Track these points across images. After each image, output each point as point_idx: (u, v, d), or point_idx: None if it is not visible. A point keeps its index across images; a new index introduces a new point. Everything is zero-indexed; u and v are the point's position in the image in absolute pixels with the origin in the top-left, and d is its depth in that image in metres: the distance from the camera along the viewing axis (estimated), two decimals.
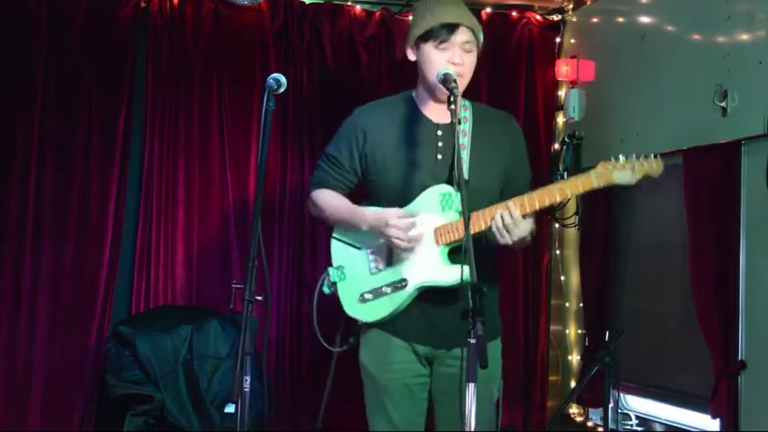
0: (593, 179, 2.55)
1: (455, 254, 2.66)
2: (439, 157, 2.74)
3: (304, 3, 4.41)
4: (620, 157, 2.52)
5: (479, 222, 2.63)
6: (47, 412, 4.00)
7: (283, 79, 2.50)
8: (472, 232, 2.56)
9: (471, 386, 2.11)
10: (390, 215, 2.66)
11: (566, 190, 2.57)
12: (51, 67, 4.07)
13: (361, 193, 2.90)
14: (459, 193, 2.62)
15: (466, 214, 2.34)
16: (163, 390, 3.68)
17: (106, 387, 3.80)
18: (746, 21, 3.25)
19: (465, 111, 2.83)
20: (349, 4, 4.47)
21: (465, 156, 2.73)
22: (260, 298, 2.37)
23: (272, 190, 4.33)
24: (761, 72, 3.16)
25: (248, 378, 2.24)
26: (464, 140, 2.76)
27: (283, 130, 4.36)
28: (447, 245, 2.66)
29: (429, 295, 2.69)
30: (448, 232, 2.65)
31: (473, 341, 2.12)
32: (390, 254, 2.73)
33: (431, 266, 2.67)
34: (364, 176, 2.84)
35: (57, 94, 4.08)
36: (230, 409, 3.71)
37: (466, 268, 2.45)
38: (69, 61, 4.09)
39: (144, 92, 4.22)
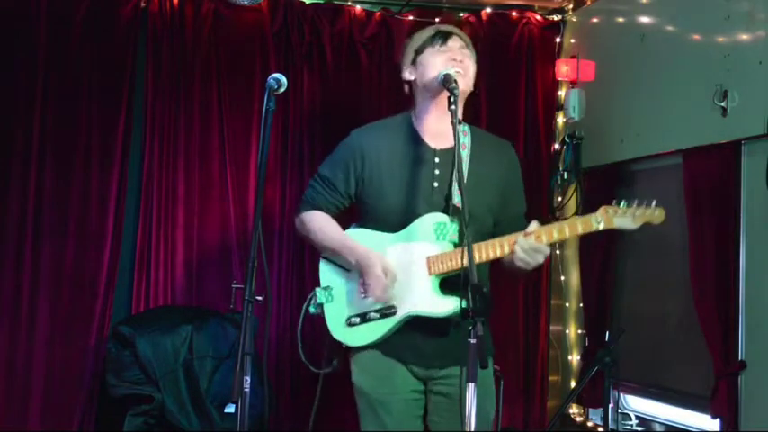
0: (593, 224, 2.57)
1: (446, 284, 2.65)
2: (435, 184, 2.73)
3: (304, 3, 4.41)
4: (623, 202, 2.56)
5: (477, 254, 2.59)
6: (47, 412, 3.99)
7: (283, 79, 2.50)
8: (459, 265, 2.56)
9: (471, 386, 2.12)
10: (376, 265, 2.65)
11: (565, 230, 2.59)
12: (51, 67, 4.06)
13: (351, 214, 2.89)
14: (453, 223, 2.64)
15: (465, 215, 2.33)
16: (163, 390, 3.68)
17: (106, 387, 3.81)
18: (746, 21, 3.25)
19: (464, 136, 2.80)
20: (349, 4, 4.47)
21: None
22: (260, 298, 2.37)
23: (272, 190, 4.33)
24: (761, 72, 3.16)
25: (248, 378, 2.24)
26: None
27: (283, 130, 4.35)
28: (439, 275, 2.65)
29: (420, 319, 2.67)
30: (441, 262, 2.63)
31: (473, 341, 2.12)
32: None
33: (421, 296, 2.65)
34: (357, 199, 2.82)
35: (57, 94, 4.07)
36: (230, 409, 3.71)
37: (459, 300, 2.48)
38: (69, 61, 4.09)
39: (144, 92, 4.21)
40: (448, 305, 2.60)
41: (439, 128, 2.73)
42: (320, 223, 2.83)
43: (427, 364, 2.74)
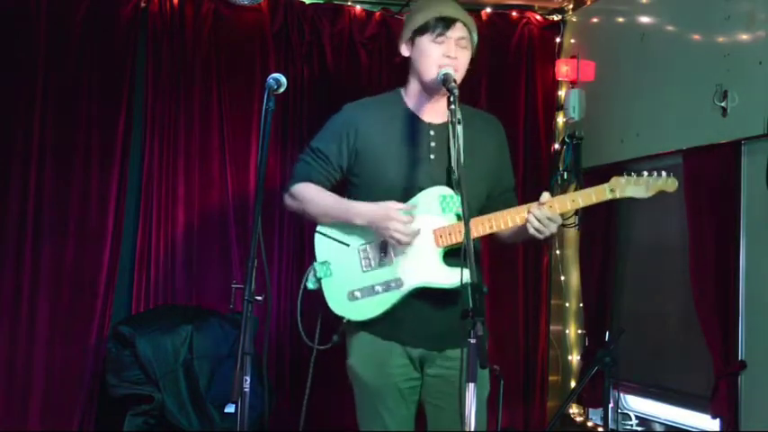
0: (606, 192, 2.56)
1: (449, 256, 2.65)
2: (432, 157, 2.73)
3: (304, 3, 4.41)
4: (633, 174, 2.55)
5: (478, 228, 2.62)
6: (47, 412, 3.99)
7: (283, 79, 2.50)
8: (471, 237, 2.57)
9: (471, 386, 2.11)
10: (390, 208, 2.62)
11: (578, 199, 2.60)
12: (51, 67, 4.06)
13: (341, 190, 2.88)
14: (458, 196, 2.62)
15: (465, 214, 2.34)
16: (163, 390, 3.68)
17: (106, 387, 3.81)
18: (746, 21, 3.25)
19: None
20: (349, 4, 4.47)
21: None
22: (260, 298, 2.37)
23: (272, 190, 4.31)
24: (761, 72, 3.16)
25: (248, 378, 2.24)
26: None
27: (283, 130, 4.36)
28: (446, 247, 2.66)
29: (421, 297, 2.67)
30: (449, 234, 2.64)
31: (473, 341, 2.12)
32: (384, 252, 2.70)
33: (429, 268, 2.65)
34: (349, 173, 2.81)
35: (57, 94, 4.07)
36: (230, 409, 3.71)
37: (465, 270, 2.46)
38: (69, 61, 4.09)
39: (144, 92, 4.22)
40: (456, 276, 2.57)
41: (432, 105, 2.74)
42: (315, 193, 2.79)
43: (426, 345, 2.74)
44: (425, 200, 2.68)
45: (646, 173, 2.57)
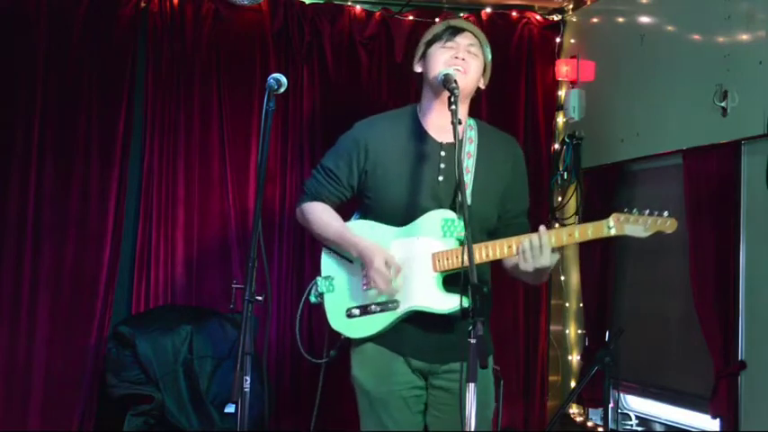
0: (604, 229, 2.54)
1: (449, 281, 2.64)
2: (440, 178, 2.71)
3: (304, 3, 4.41)
4: (635, 210, 2.53)
5: (479, 253, 2.59)
6: (47, 412, 3.99)
7: (283, 79, 2.50)
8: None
9: (471, 386, 2.11)
10: (378, 257, 2.62)
11: (575, 234, 2.57)
12: (51, 67, 4.06)
13: (352, 205, 2.88)
14: (461, 220, 2.61)
15: (466, 216, 2.33)
16: (163, 390, 3.68)
17: (106, 387, 3.81)
18: (746, 21, 3.25)
19: (471, 131, 2.79)
20: (349, 4, 4.47)
21: (468, 179, 2.69)
22: (260, 298, 2.37)
23: (272, 190, 4.33)
24: (761, 72, 3.16)
25: (248, 378, 2.25)
26: (468, 163, 2.73)
27: (283, 130, 4.36)
28: (443, 272, 2.64)
29: (422, 314, 2.66)
30: (446, 259, 2.62)
31: (473, 341, 2.12)
32: None
33: (425, 292, 2.64)
34: (360, 192, 2.81)
35: (57, 94, 4.07)
36: (230, 409, 3.71)
37: (460, 297, 2.46)
38: (69, 61, 4.09)
39: (144, 92, 4.22)
40: (451, 302, 2.58)
41: (444, 122, 2.68)
42: (320, 215, 2.81)
43: (429, 358, 2.73)
44: (428, 223, 2.67)
45: (647, 211, 2.56)
